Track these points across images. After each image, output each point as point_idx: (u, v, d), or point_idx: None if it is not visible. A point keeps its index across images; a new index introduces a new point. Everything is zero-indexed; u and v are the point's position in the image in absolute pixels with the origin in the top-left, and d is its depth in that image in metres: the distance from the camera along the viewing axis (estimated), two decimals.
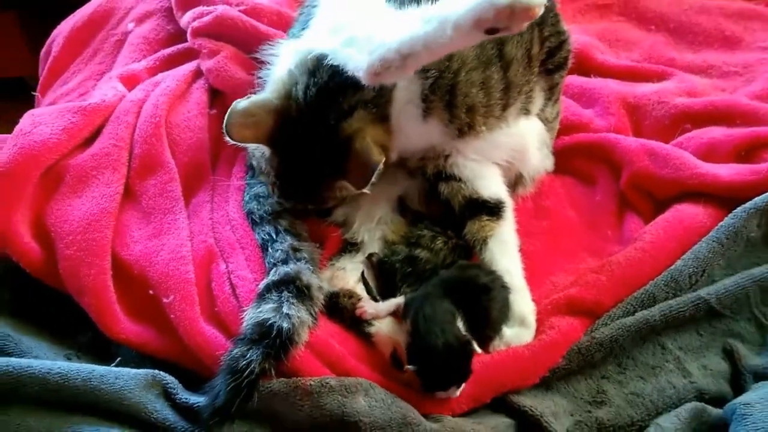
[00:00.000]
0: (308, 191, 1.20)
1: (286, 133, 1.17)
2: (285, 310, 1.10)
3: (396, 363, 1.16)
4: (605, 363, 1.21)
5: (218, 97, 1.53)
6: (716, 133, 1.45)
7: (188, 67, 1.56)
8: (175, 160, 1.39)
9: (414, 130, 1.25)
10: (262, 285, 1.16)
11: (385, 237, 1.35)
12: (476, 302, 1.18)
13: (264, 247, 1.25)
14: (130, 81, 1.54)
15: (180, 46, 1.66)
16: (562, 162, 1.51)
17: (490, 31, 0.95)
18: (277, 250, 1.22)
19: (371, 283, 1.28)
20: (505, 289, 1.21)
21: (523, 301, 1.24)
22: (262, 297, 1.13)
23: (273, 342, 1.06)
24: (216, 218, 1.33)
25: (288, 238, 1.25)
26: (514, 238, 1.30)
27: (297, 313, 1.10)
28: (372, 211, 1.36)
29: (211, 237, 1.29)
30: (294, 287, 1.13)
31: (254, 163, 1.27)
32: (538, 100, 1.37)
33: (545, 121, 1.43)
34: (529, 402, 1.13)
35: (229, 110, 1.16)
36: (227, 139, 1.16)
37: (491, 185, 1.32)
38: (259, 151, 1.24)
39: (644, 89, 1.58)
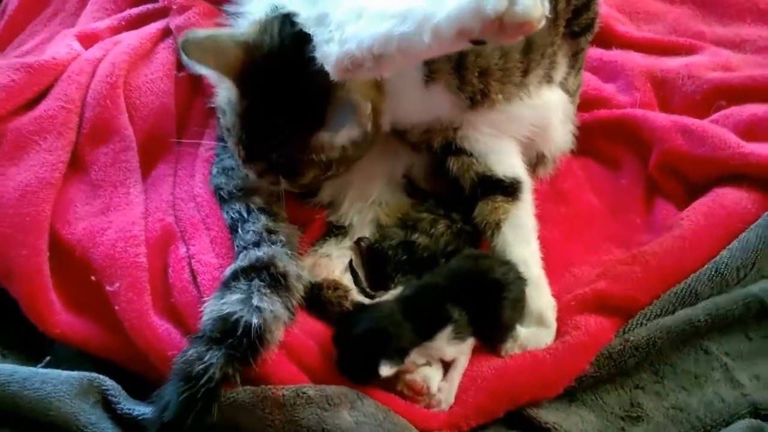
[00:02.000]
0: (280, 151, 0.96)
1: (258, 70, 0.93)
2: (255, 302, 0.87)
3: None
4: (639, 370, 0.98)
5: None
6: (757, 109, 1.24)
7: (156, 25, 1.33)
8: (134, 126, 1.16)
9: (414, 98, 1.02)
10: (228, 271, 0.93)
11: (379, 220, 1.12)
12: (486, 297, 0.96)
13: (233, 228, 1.02)
14: (89, 40, 1.31)
15: (150, 5, 1.42)
16: (581, 141, 1.28)
17: (477, 42, 0.74)
18: (248, 231, 0.99)
19: (360, 273, 1.06)
20: (520, 281, 0.99)
21: (541, 296, 1.02)
22: (227, 286, 0.90)
23: (239, 341, 0.83)
24: (178, 194, 1.10)
25: (262, 217, 1.02)
26: (532, 222, 1.07)
27: (270, 306, 0.87)
28: (365, 190, 1.13)
29: (171, 215, 1.06)
30: (267, 275, 0.90)
31: (221, 120, 1.03)
32: (562, 66, 1.15)
33: (567, 93, 1.21)
34: (551, 417, 0.91)
35: (186, 32, 0.94)
36: (184, 57, 0.97)
37: (507, 161, 1.09)
38: (224, 97, 1.01)
39: (672, 63, 1.37)
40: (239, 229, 1.00)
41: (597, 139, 1.29)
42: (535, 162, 1.18)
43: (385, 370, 0.85)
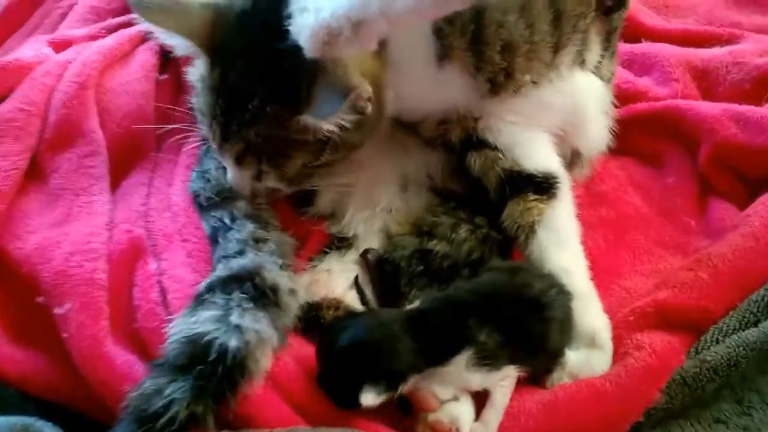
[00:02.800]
0: (260, 126, 0.77)
1: (230, 34, 0.76)
2: (234, 319, 0.67)
3: (404, 406, 0.72)
4: (719, 399, 0.78)
5: (171, 63, 1.13)
6: None
7: (137, 28, 1.17)
8: (105, 131, 0.99)
9: (425, 82, 0.85)
10: (202, 285, 0.73)
11: (388, 229, 0.93)
12: (525, 318, 0.75)
13: (214, 239, 0.83)
14: (62, 47, 1.15)
15: (133, 15, 1.27)
16: (617, 140, 1.09)
17: None
18: (231, 240, 0.80)
19: (367, 291, 0.86)
20: (565, 296, 0.79)
21: (591, 312, 0.81)
22: (199, 301, 0.70)
23: (211, 370, 0.63)
24: (152, 204, 0.92)
25: (248, 225, 0.83)
26: (572, 224, 0.88)
27: (253, 324, 0.68)
28: (371, 196, 0.94)
29: (142, 227, 0.87)
30: (251, 286, 0.71)
31: (195, 103, 0.85)
32: (595, 47, 0.97)
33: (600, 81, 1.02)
34: None
35: None
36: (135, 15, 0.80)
37: (539, 154, 0.90)
38: (196, 74, 0.83)
39: (712, 52, 1.19)
40: (220, 239, 0.81)
41: (635, 135, 1.10)
42: (569, 161, 0.99)
43: (368, 398, 0.65)
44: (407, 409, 0.71)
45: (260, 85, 0.75)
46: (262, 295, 0.70)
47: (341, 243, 0.92)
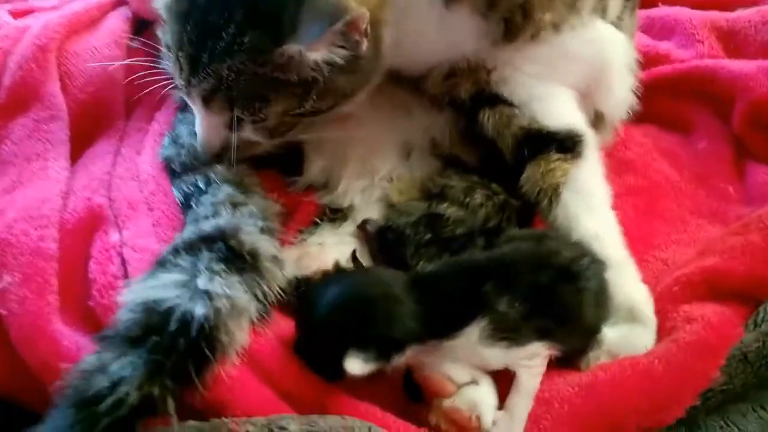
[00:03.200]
0: (234, 59, 0.65)
1: None
2: (201, 283, 0.54)
3: (412, 392, 0.59)
4: None
5: (145, 31, 1.02)
6: None
7: None
8: (67, 96, 0.87)
9: (429, 23, 0.74)
10: (167, 249, 0.60)
11: (389, 199, 0.80)
12: (554, 288, 0.63)
13: (186, 205, 0.71)
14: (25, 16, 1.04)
15: None
16: (638, 106, 0.98)
17: None
18: (205, 204, 0.68)
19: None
20: (599, 265, 0.66)
21: (629, 283, 0.69)
22: (161, 263, 0.57)
23: (171, 343, 0.50)
24: (117, 173, 0.80)
25: (226, 188, 0.71)
26: (602, 186, 0.76)
27: (226, 291, 0.55)
28: (369, 163, 0.82)
29: (104, 197, 0.75)
30: (225, 247, 0.58)
31: (161, 38, 0.73)
32: None
33: None
34: None
35: None
36: None
37: (561, 110, 0.79)
38: (162, 3, 0.71)
39: (737, 13, 1.08)
40: (192, 204, 0.69)
41: (659, 101, 0.99)
42: (590, 126, 0.87)
43: (353, 365, 0.53)
44: (417, 395, 0.58)
45: (237, 8, 0.63)
46: (238, 258, 0.57)
47: (335, 214, 0.80)
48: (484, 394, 0.58)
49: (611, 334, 0.65)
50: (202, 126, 0.72)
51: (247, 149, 0.74)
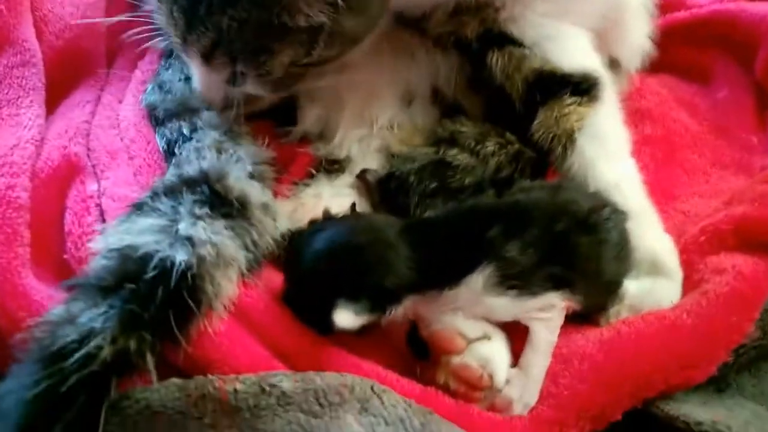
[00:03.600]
0: (236, 8, 0.58)
1: None
2: (183, 229, 0.48)
3: (418, 349, 0.54)
4: None
5: None
6: None
7: None
8: (42, 43, 0.80)
9: None
10: (145, 193, 0.54)
11: (389, 149, 0.74)
12: (571, 236, 0.57)
13: (169, 152, 0.65)
14: None
15: None
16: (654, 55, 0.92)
17: None
18: (188, 149, 0.61)
19: None
20: (620, 216, 0.60)
21: (651, 233, 0.64)
22: (137, 207, 0.51)
23: (149, 291, 0.45)
24: (97, 121, 0.73)
25: (212, 133, 0.64)
26: (621, 132, 0.70)
27: (211, 237, 0.49)
28: (368, 111, 0.76)
29: (81, 145, 0.69)
30: (209, 190, 0.52)
31: None
32: None
33: None
34: (703, 414, 0.51)
35: None
36: None
37: (575, 50, 0.72)
38: None
39: None
40: (176, 150, 0.63)
41: (676, 48, 0.93)
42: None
43: (342, 318, 0.48)
44: (423, 352, 0.53)
45: None
46: (224, 203, 0.51)
47: (331, 166, 0.74)
48: (497, 350, 0.52)
49: (633, 287, 0.59)
50: (201, 84, 0.67)
51: (249, 104, 0.68)
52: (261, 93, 0.68)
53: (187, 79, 0.73)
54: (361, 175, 0.71)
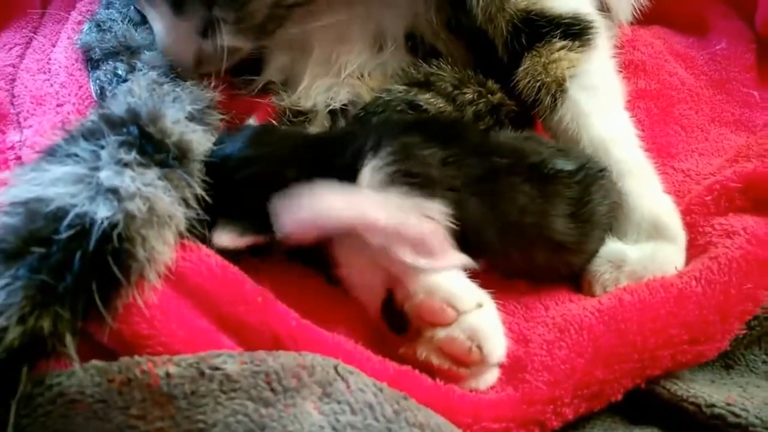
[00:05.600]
0: None
1: None
2: (104, 177, 0.39)
3: (393, 322, 0.46)
4: None
5: None
6: None
7: None
8: None
9: None
10: (59, 138, 0.45)
11: (359, 97, 0.66)
12: (502, 184, 0.50)
13: (102, 97, 0.55)
14: None
15: None
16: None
17: None
18: (119, 92, 0.52)
19: None
20: (598, 178, 0.53)
21: (651, 193, 0.56)
22: (50, 154, 0.42)
23: (65, 256, 0.36)
24: (25, 65, 0.63)
25: (151, 74, 0.55)
26: (616, 83, 0.62)
27: (140, 188, 0.40)
28: (335, 58, 0.67)
29: (4, 90, 0.59)
30: (137, 131, 0.42)
31: None
32: None
33: None
34: (714, 395, 0.44)
35: None
36: None
37: None
38: None
39: None
40: (107, 94, 0.53)
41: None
42: None
43: (223, 238, 0.43)
44: (400, 326, 0.45)
45: None
46: (159, 148, 0.42)
47: (296, 118, 0.65)
48: (488, 318, 0.45)
49: (634, 252, 0.52)
50: (168, 38, 0.56)
51: (220, 61, 0.58)
52: (238, 44, 0.59)
53: (131, 20, 0.63)
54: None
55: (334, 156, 0.47)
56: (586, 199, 0.52)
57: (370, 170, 0.45)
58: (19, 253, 0.35)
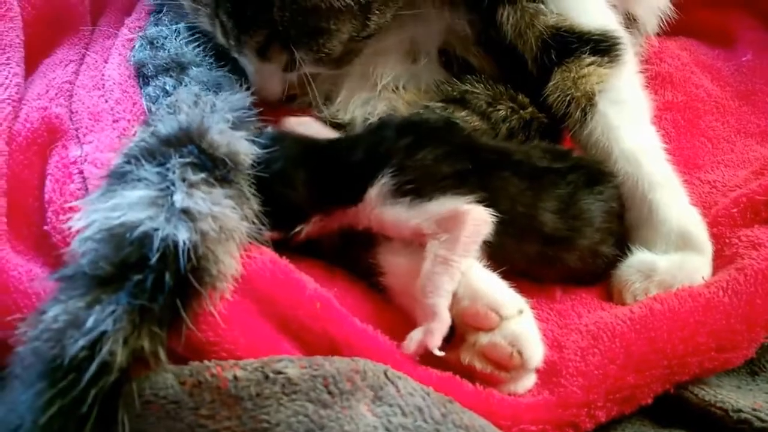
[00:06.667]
0: (281, 6, 0.56)
1: None
2: (179, 200, 0.42)
3: None
4: None
5: None
6: None
7: None
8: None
9: None
10: (118, 159, 0.48)
11: (396, 110, 0.69)
12: (497, 179, 0.54)
13: (151, 110, 0.59)
14: None
15: None
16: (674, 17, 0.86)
17: None
18: (163, 105, 0.56)
19: None
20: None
21: (678, 204, 0.58)
22: (118, 176, 0.45)
23: (156, 280, 0.39)
24: (81, 82, 0.67)
25: (195, 88, 0.58)
26: (643, 98, 0.65)
27: (211, 208, 0.43)
28: (372, 72, 0.70)
29: (63, 107, 0.62)
30: (196, 150, 0.45)
31: None
32: None
33: None
34: (741, 401, 0.46)
35: None
36: None
37: (592, 7, 0.66)
38: None
39: None
40: (154, 109, 0.57)
41: (696, 9, 0.87)
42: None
43: None
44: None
45: None
46: (216, 163, 0.45)
47: (336, 130, 0.68)
48: (526, 324, 0.48)
49: (663, 262, 0.54)
50: (258, 78, 0.65)
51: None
52: (322, 71, 0.66)
53: (181, 35, 0.67)
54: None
55: (343, 160, 0.52)
56: (576, 197, 0.55)
57: (376, 190, 0.50)
58: (116, 278, 0.39)
